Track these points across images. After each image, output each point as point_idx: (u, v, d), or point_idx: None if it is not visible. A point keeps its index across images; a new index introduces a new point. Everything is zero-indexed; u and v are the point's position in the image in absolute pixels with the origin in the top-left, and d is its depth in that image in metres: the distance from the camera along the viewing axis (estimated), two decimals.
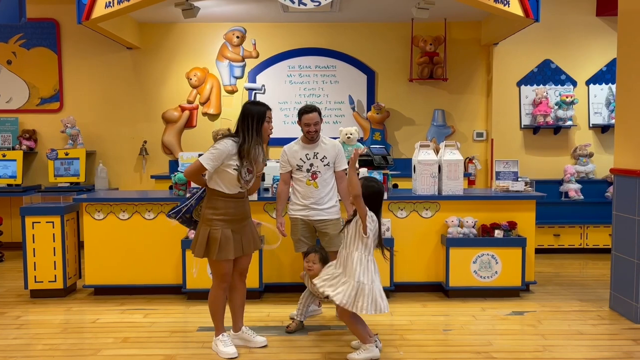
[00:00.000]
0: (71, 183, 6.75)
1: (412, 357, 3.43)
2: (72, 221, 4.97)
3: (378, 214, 3.37)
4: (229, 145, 3.36)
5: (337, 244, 3.98)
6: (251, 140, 3.38)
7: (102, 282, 4.78)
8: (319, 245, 4.03)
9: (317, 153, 4.06)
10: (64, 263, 4.74)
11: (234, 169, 3.36)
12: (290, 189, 4.19)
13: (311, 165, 4.05)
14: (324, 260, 3.72)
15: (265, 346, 3.59)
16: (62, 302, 4.65)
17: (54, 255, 4.72)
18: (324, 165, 4.06)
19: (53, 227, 4.73)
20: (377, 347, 3.40)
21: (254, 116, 3.41)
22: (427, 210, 4.77)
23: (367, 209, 3.27)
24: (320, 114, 4.08)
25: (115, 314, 4.32)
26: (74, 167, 6.77)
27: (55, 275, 4.73)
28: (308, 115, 4.02)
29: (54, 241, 4.72)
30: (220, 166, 3.36)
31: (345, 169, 4.16)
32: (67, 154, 6.76)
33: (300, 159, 4.07)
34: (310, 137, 4.06)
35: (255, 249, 3.64)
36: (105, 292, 4.80)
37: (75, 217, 5.04)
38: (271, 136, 7.04)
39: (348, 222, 3.40)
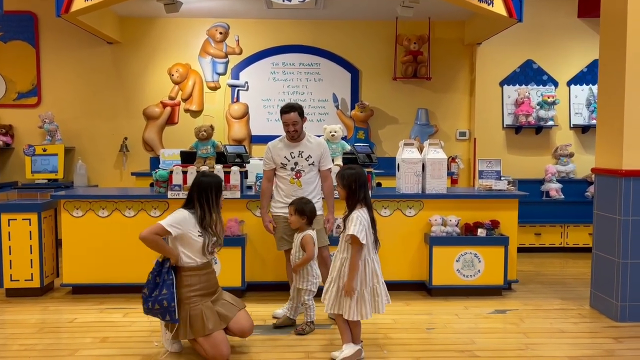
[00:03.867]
0: (49, 180, 6.60)
1: (395, 356, 3.42)
2: (50, 218, 4.85)
3: (367, 201, 3.29)
4: (186, 214, 3.35)
5: (321, 240, 3.97)
6: (212, 213, 3.38)
7: (81, 280, 4.68)
8: (295, 199, 3.89)
9: (302, 152, 4.01)
10: (40, 261, 4.63)
11: (199, 236, 3.34)
12: (273, 186, 4.14)
13: (295, 164, 4.00)
14: (300, 212, 3.75)
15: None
16: (39, 301, 4.54)
17: (31, 253, 4.61)
18: (309, 165, 4.01)
19: (30, 225, 4.61)
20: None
21: (212, 188, 3.39)
22: (410, 208, 4.76)
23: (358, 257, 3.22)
24: (300, 113, 3.99)
25: (93, 313, 4.23)
26: (52, 164, 6.63)
27: (31, 274, 4.61)
28: (286, 115, 3.96)
29: (30, 239, 4.61)
30: (184, 236, 3.30)
31: (330, 168, 4.13)
32: (44, 150, 6.61)
33: (285, 157, 4.01)
34: (291, 137, 4.00)
35: (241, 307, 3.48)
36: (84, 291, 4.70)
37: (53, 214, 4.92)
38: (254, 134, 7.10)
39: (344, 220, 3.32)
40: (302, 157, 4.01)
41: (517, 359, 3.36)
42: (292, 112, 3.95)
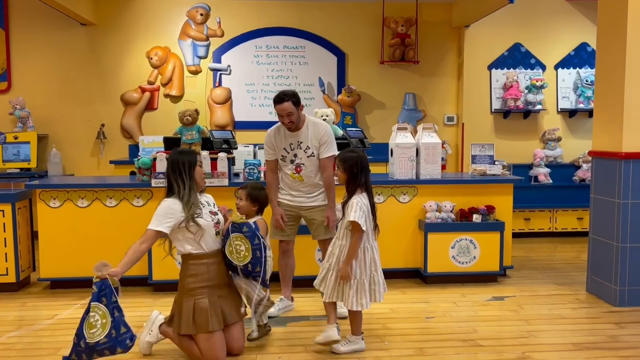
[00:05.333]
0: (21, 169, 6.28)
1: (397, 346, 3.29)
2: (25, 209, 4.58)
3: (368, 186, 3.16)
4: (169, 202, 3.04)
5: (325, 232, 3.75)
6: (186, 187, 3.04)
7: (59, 274, 4.43)
8: (250, 182, 3.61)
9: (301, 142, 3.67)
10: (16, 255, 4.37)
11: (197, 217, 3.03)
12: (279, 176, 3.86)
13: (295, 155, 3.69)
14: (253, 199, 3.37)
15: None
16: (16, 297, 4.30)
17: (5, 246, 4.34)
18: (308, 157, 3.67)
19: (3, 216, 4.34)
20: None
21: (185, 163, 3.07)
22: (404, 194, 4.63)
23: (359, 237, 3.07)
24: (295, 102, 3.58)
25: (74, 308, 4.00)
26: (24, 152, 6.30)
27: (6, 268, 4.36)
28: (278, 105, 3.57)
29: (4, 231, 4.34)
30: (182, 226, 3.01)
31: (330, 157, 3.68)
32: (16, 138, 6.28)
33: (284, 148, 3.69)
34: (287, 128, 3.67)
35: (240, 318, 3.18)
36: (63, 285, 4.46)
37: (28, 205, 4.65)
38: (237, 119, 6.87)
39: (343, 206, 3.18)
40: (300, 148, 3.68)
41: (521, 347, 3.27)
42: (285, 102, 3.54)
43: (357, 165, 3.12)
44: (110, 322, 2.73)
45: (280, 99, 3.57)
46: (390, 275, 4.58)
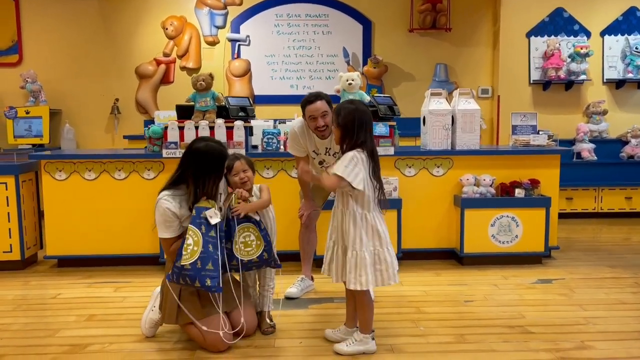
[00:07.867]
0: (33, 145, 6.04)
1: (434, 332, 2.89)
2: (30, 183, 4.30)
3: (369, 147, 2.51)
4: (165, 205, 2.68)
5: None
6: (204, 191, 2.64)
7: (67, 252, 4.14)
8: (236, 154, 2.93)
9: (329, 149, 3.25)
10: (20, 231, 4.09)
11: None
12: None
13: (323, 160, 3.35)
14: (253, 167, 2.86)
15: None
16: (20, 275, 4.03)
17: (9, 221, 4.07)
18: (336, 159, 3.36)
19: (6, 189, 4.07)
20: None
21: (210, 166, 2.64)
22: (438, 167, 4.20)
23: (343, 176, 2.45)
24: (329, 102, 3.09)
25: (80, 287, 3.71)
26: (36, 127, 6.05)
27: (10, 245, 4.09)
28: (311, 106, 3.05)
29: (8, 205, 4.07)
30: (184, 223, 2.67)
31: None
32: (27, 112, 6.03)
33: (314, 150, 3.31)
34: (321, 134, 3.15)
35: (247, 297, 2.85)
36: (70, 263, 4.18)
37: (34, 178, 4.37)
38: (257, 93, 6.50)
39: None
40: (329, 154, 3.27)
41: (579, 335, 2.84)
42: (319, 101, 3.04)
43: (353, 120, 2.47)
44: (200, 253, 2.53)
45: (314, 97, 3.07)
46: (422, 256, 4.20)
